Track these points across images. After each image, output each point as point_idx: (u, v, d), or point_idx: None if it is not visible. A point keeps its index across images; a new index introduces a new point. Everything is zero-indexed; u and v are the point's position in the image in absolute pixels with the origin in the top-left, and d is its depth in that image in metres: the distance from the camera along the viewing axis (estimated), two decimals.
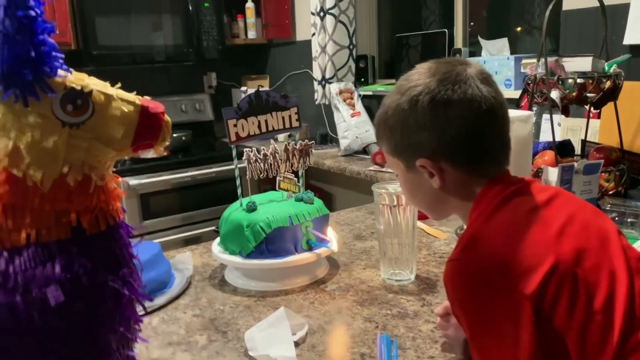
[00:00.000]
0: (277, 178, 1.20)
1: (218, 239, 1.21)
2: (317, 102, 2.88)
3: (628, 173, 1.49)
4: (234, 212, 1.16)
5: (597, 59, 1.46)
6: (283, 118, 1.21)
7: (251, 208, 1.14)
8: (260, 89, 1.18)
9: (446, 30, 2.43)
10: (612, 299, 0.62)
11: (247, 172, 1.15)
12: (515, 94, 1.99)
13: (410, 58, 2.71)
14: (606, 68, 1.48)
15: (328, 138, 3.01)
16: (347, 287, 1.12)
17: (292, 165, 1.21)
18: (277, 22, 3.31)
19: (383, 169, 2.27)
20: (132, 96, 0.57)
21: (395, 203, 1.10)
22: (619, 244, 0.68)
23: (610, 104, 1.52)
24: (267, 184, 1.57)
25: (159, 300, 1.07)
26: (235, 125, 1.14)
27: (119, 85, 0.59)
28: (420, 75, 0.74)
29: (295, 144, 1.21)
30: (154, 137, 0.56)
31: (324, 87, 2.77)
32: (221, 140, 3.35)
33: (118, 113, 0.54)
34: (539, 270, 0.62)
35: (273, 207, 1.15)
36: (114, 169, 0.60)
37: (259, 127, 1.18)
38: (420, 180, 0.77)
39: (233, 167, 1.15)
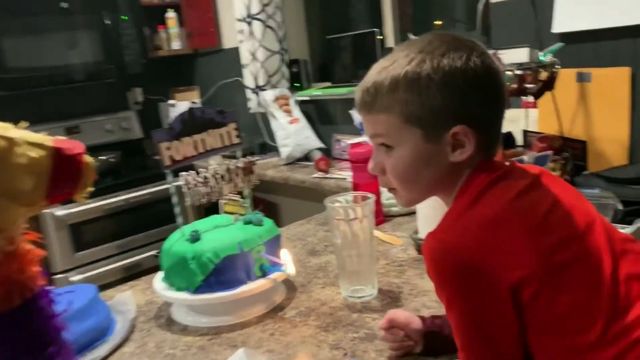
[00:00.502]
0: (221, 201, 1.10)
1: (161, 274, 1.10)
2: (251, 111, 2.79)
3: (572, 160, 1.49)
4: (176, 243, 1.06)
5: (532, 49, 1.46)
6: (221, 135, 1.12)
7: (195, 238, 1.04)
8: (194, 106, 1.08)
9: (376, 29, 2.41)
10: (597, 288, 0.62)
11: (187, 199, 1.05)
12: None
13: (342, 60, 2.67)
14: (542, 58, 1.48)
15: (267, 147, 2.92)
16: (307, 311, 1.04)
17: (236, 186, 1.12)
18: (201, 30, 3.18)
19: (328, 176, 2.21)
20: (41, 137, 0.47)
21: (352, 216, 1.03)
22: (602, 227, 0.68)
23: (547, 92, 1.52)
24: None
25: (100, 351, 0.96)
26: (168, 149, 1.04)
27: (25, 125, 0.48)
28: (459, 41, 0.70)
29: (238, 162, 1.12)
30: (72, 184, 0.46)
31: (257, 95, 2.68)
32: (153, 159, 3.18)
33: (24, 160, 0.44)
34: (518, 270, 0.61)
35: (219, 234, 1.06)
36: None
37: (196, 147, 1.08)
38: (436, 153, 0.70)
39: (165, 187, 1.05)
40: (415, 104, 0.69)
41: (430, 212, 1.22)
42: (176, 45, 3.25)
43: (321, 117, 2.70)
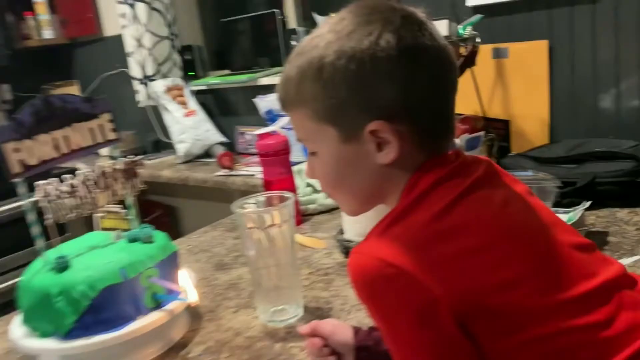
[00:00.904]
0: (96, 215, 0.86)
1: (19, 317, 0.84)
2: (141, 105, 2.48)
3: (497, 141, 1.39)
4: (37, 275, 0.80)
5: (451, 22, 1.33)
6: (91, 130, 0.87)
7: (62, 266, 0.78)
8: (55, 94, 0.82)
9: (276, 10, 2.20)
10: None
11: (48, 215, 0.80)
12: None
13: (241, 45, 2.44)
14: (461, 31, 1.36)
15: (162, 145, 2.63)
16: (218, 346, 0.83)
17: (115, 194, 0.88)
18: (77, 17, 2.81)
19: (233, 173, 1.98)
20: None
21: (269, 223, 0.83)
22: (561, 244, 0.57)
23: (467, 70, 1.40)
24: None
25: None
26: (17, 150, 0.77)
27: None
28: (373, 14, 0.57)
29: (116, 164, 0.88)
30: None
31: (146, 86, 2.38)
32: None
33: None
34: (446, 298, 0.50)
35: (95, 258, 0.81)
36: None
37: (57, 147, 0.82)
38: (360, 155, 0.58)
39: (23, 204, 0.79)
40: (322, 99, 0.58)
41: None
42: (48, 34, 2.86)
43: (221, 108, 2.45)
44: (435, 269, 0.50)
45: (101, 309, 0.77)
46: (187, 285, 0.82)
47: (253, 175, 1.88)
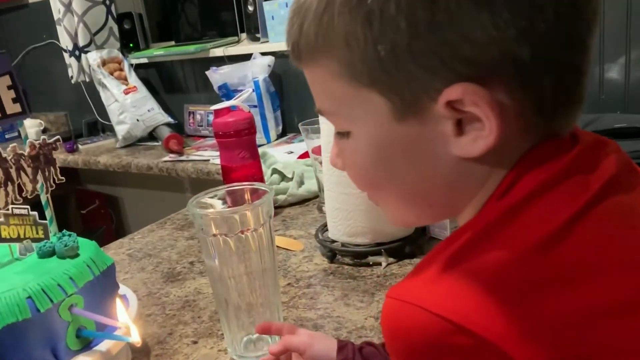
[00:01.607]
0: None
1: None
2: (73, 81, 2.16)
3: None
4: None
5: None
6: None
7: None
8: None
9: None
10: None
11: None
12: None
13: (188, 15, 2.16)
14: None
15: (99, 126, 2.32)
16: None
17: (22, 189, 0.62)
18: None
19: (182, 158, 1.71)
20: None
21: (240, 228, 0.60)
22: None
23: None
24: None
25: None
26: None
27: None
28: None
29: (20, 148, 0.63)
30: None
31: (78, 59, 2.07)
32: None
33: None
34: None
35: None
36: None
37: None
38: (424, 140, 0.36)
39: None
40: (365, 44, 0.34)
41: (348, 199, 0.84)
42: None
43: (166, 84, 2.16)
44: (542, 340, 0.30)
45: (2, 358, 0.53)
46: (126, 316, 0.59)
47: (208, 160, 1.63)
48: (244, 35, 1.92)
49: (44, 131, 2.34)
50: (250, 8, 1.80)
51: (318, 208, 1.09)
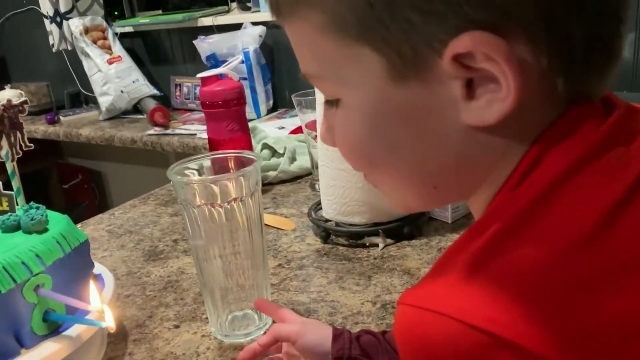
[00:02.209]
0: None
1: None
2: (54, 49, 2.07)
3: None
4: None
5: None
6: None
7: None
8: None
9: None
10: None
11: None
12: None
13: None
14: None
15: (82, 98, 2.23)
16: None
17: None
18: None
19: (168, 132, 1.64)
20: None
21: (228, 198, 0.55)
22: None
23: None
24: None
25: None
26: None
27: None
28: None
29: None
30: None
31: (60, 25, 1.97)
32: None
33: None
34: None
35: None
36: None
37: None
38: (428, 106, 0.30)
39: None
40: None
41: (344, 176, 0.78)
42: None
43: (152, 54, 2.08)
44: (587, 351, 0.25)
45: None
46: (95, 299, 0.53)
47: (194, 135, 1.56)
48: (234, 5, 1.84)
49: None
50: None
51: (311, 186, 1.03)
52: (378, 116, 0.32)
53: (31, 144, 0.60)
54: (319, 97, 0.81)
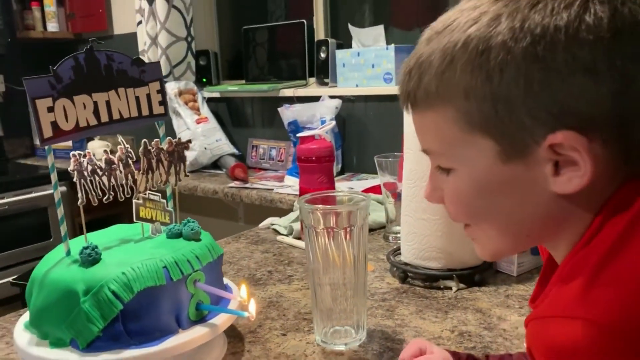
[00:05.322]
0: (135, 201, 0.70)
1: (26, 317, 0.67)
2: None
3: None
4: (57, 267, 0.63)
5: None
6: (138, 99, 0.72)
7: (91, 258, 0.62)
8: (96, 43, 0.68)
9: (304, 20, 2.10)
10: None
11: (78, 194, 0.64)
12: (395, 89, 1.72)
13: (257, 56, 2.32)
14: None
15: None
16: None
17: (161, 178, 0.73)
18: (86, 12, 2.68)
19: (247, 185, 1.82)
20: None
21: (345, 225, 0.68)
22: None
23: None
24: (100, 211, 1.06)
25: None
26: (51, 110, 0.63)
27: None
28: None
29: (162, 142, 0.73)
30: None
31: None
32: (15, 162, 2.58)
33: None
34: None
35: (131, 253, 0.66)
36: None
37: (96, 113, 0.67)
38: (524, 179, 0.42)
39: (32, 195, 0.63)
40: (482, 97, 0.41)
41: (424, 225, 0.91)
42: (53, 27, 2.71)
43: (234, 118, 2.31)
44: None
45: (136, 317, 0.61)
46: (238, 294, 0.67)
47: (271, 189, 1.73)
48: (311, 79, 2.05)
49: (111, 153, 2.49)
50: (323, 55, 1.94)
51: (384, 237, 1.16)
52: (485, 185, 0.44)
53: (189, 174, 0.77)
54: (408, 155, 0.95)
